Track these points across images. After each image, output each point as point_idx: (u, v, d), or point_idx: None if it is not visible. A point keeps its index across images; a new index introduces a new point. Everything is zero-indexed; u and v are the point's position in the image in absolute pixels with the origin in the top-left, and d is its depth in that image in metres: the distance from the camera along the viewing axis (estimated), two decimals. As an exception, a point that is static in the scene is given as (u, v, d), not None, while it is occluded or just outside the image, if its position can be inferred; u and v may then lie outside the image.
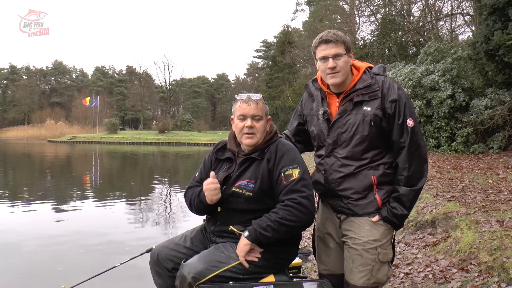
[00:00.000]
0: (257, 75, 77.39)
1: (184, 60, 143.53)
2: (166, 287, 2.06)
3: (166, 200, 10.08)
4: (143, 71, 74.63)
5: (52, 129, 61.52)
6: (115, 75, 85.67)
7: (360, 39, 22.78)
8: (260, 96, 2.10)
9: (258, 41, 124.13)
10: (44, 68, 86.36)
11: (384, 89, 2.03)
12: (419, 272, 3.48)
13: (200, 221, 2.31)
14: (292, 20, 59.67)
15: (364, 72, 2.09)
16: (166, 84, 70.77)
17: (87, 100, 58.00)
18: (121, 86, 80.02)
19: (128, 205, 9.22)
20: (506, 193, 5.00)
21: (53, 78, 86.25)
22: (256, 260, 1.93)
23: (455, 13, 17.89)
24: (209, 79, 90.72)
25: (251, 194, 1.98)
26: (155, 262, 2.08)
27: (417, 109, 10.43)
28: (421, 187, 2.04)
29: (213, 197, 2.00)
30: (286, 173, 1.95)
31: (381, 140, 2.06)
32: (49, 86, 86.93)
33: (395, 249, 2.16)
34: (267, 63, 58.78)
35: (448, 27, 19.94)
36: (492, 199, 4.68)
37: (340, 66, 2.02)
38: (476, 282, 2.96)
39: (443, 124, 10.37)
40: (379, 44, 18.85)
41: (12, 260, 5.10)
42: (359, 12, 25.45)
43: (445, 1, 18.53)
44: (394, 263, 2.67)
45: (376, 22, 22.20)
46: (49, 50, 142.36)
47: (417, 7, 20.46)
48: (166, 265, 2.05)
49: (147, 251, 2.20)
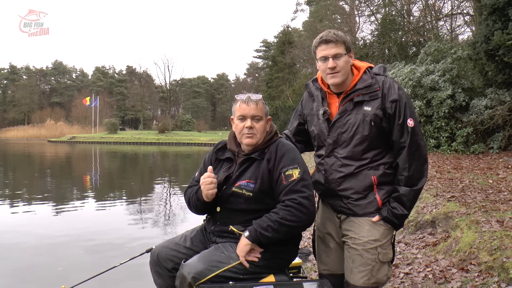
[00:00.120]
0: (257, 75, 77.35)
1: (184, 60, 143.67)
2: (166, 287, 2.06)
3: (166, 200, 10.07)
4: (143, 71, 74.69)
5: (52, 129, 61.50)
6: (115, 75, 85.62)
7: (360, 39, 22.79)
8: (260, 97, 2.10)
9: (258, 41, 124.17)
10: (44, 68, 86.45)
11: (384, 89, 2.03)
12: (419, 272, 3.48)
13: (200, 221, 2.31)
14: (292, 20, 59.93)
15: (365, 72, 2.09)
16: (166, 84, 70.81)
17: (87, 100, 57.99)
18: (121, 86, 79.97)
19: (128, 205, 9.22)
20: (506, 193, 5.00)
21: (53, 78, 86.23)
22: (256, 260, 1.93)
23: (455, 13, 17.90)
24: (209, 79, 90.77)
25: (251, 194, 1.98)
26: (155, 262, 2.08)
27: (417, 109, 10.42)
28: (421, 187, 2.04)
29: (209, 191, 1.99)
30: (287, 173, 1.95)
31: (381, 140, 2.06)
32: (49, 86, 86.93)
33: (395, 249, 2.16)
34: (267, 63, 58.78)
35: (448, 27, 19.96)
36: (492, 199, 4.68)
37: (340, 66, 2.02)
38: (476, 282, 2.96)
39: (443, 124, 10.37)
40: (379, 44, 18.85)
41: (12, 260, 5.10)
42: (359, 12, 25.49)
43: (445, 1, 18.56)
44: (394, 263, 2.67)
45: (376, 22, 22.22)
46: (49, 50, 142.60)
47: (417, 7, 20.51)
48: (166, 265, 2.05)
49: (147, 251, 2.20)
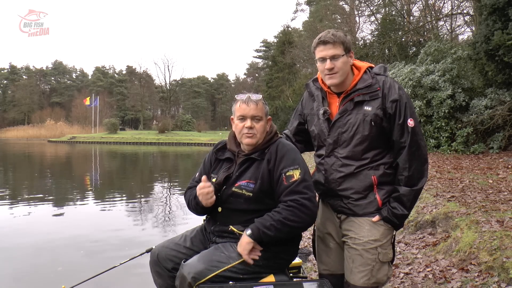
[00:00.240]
0: (257, 75, 77.34)
1: (184, 60, 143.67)
2: (166, 287, 2.06)
3: (166, 200, 10.07)
4: (143, 71, 74.62)
5: (52, 129, 61.47)
6: (115, 75, 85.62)
7: (360, 39, 22.79)
8: (260, 97, 2.09)
9: (258, 41, 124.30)
10: (44, 68, 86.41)
11: (384, 89, 2.02)
12: (419, 272, 3.48)
13: (200, 221, 2.31)
14: (292, 20, 59.94)
15: (365, 72, 2.09)
16: (166, 84, 70.78)
17: (87, 100, 57.98)
18: (121, 86, 79.96)
19: (128, 205, 9.22)
20: (506, 193, 5.00)
21: (53, 78, 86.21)
22: (257, 258, 1.94)
23: (455, 13, 17.91)
24: (209, 79, 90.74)
25: (251, 194, 1.98)
26: (155, 262, 2.08)
27: (417, 109, 10.42)
28: (421, 187, 2.04)
29: (207, 201, 2.00)
30: (287, 174, 1.94)
31: (381, 140, 2.06)
32: (49, 86, 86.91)
33: (395, 249, 2.16)
34: (267, 63, 58.77)
35: (448, 27, 19.97)
36: (492, 199, 4.68)
37: (338, 67, 2.01)
38: (476, 282, 2.96)
39: (443, 124, 10.37)
40: (379, 44, 18.85)
41: (12, 260, 5.10)
42: (359, 12, 25.49)
43: (445, 1, 18.57)
44: (394, 263, 2.67)
45: (376, 22, 22.23)
46: (49, 50, 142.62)
47: (417, 7, 20.51)
48: (166, 265, 2.05)
49: (147, 251, 2.20)
